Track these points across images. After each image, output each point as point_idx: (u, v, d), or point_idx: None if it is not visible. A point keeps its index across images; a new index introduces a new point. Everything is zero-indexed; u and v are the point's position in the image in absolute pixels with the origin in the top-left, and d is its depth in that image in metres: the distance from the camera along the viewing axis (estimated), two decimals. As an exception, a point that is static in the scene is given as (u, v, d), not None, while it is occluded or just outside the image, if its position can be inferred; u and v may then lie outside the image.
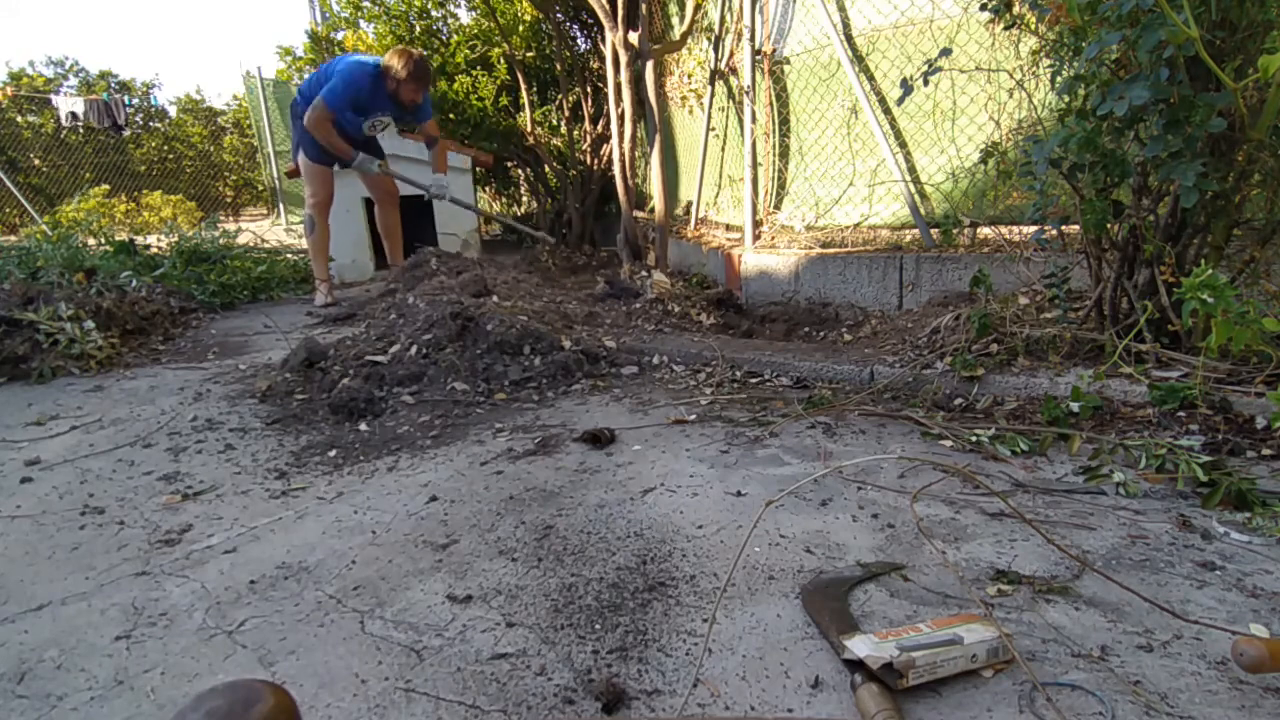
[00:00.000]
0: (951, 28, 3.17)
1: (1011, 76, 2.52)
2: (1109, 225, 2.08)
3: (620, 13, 4.66)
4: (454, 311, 2.75)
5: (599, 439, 1.98)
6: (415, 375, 2.53)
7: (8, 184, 10.07)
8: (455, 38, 7.01)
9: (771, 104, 4.09)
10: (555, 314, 3.15)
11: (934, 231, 3.35)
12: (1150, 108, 1.77)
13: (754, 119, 4.13)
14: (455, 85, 6.63)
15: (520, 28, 6.84)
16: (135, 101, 12.40)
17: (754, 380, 2.56)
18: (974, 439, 1.84)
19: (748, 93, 4.06)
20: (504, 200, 9.62)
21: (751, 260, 4.01)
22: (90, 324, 3.14)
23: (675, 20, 5.22)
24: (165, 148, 12.23)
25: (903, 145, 3.51)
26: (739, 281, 4.10)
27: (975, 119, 3.16)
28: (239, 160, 12.81)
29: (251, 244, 5.65)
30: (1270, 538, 1.31)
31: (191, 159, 12.47)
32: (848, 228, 3.84)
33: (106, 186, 9.86)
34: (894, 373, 2.34)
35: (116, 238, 5.06)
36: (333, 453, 2.05)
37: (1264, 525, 1.35)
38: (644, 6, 4.64)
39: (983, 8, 2.29)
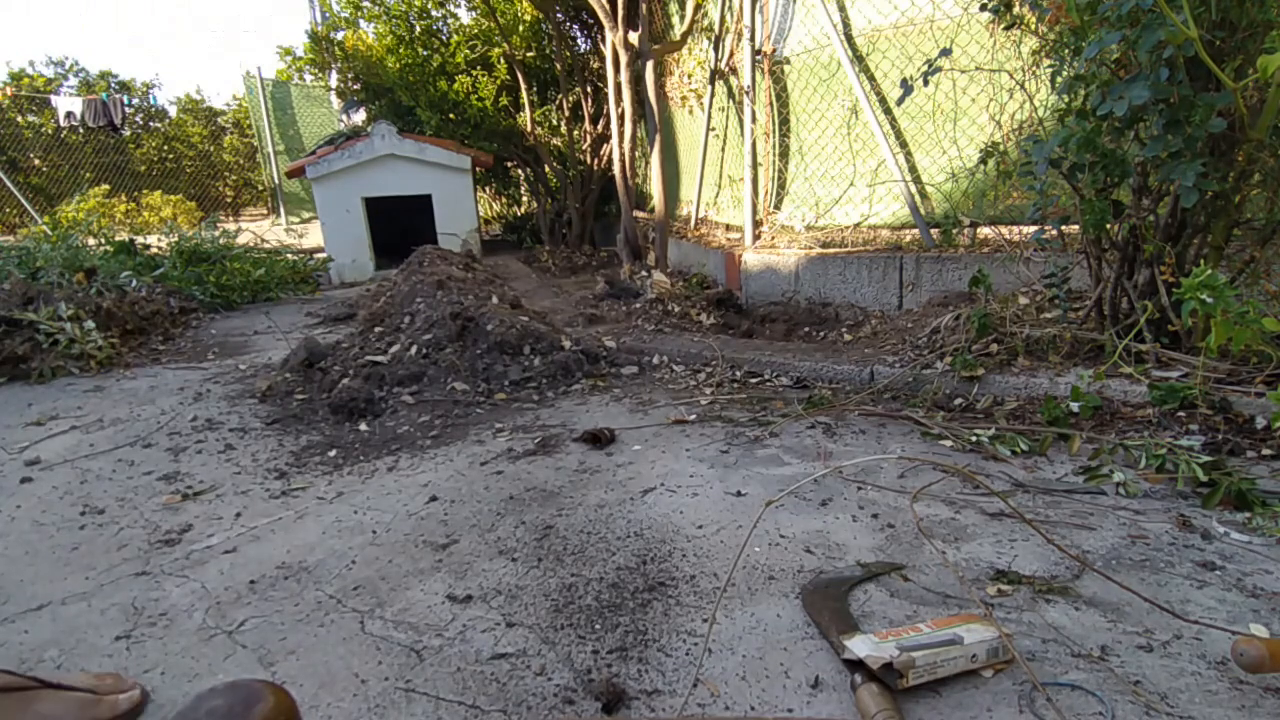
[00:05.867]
0: (952, 28, 3.17)
1: (1012, 77, 2.52)
2: (1109, 225, 2.08)
3: (620, 13, 4.66)
4: (454, 311, 2.75)
5: (599, 439, 1.98)
6: (415, 375, 2.53)
7: (8, 184, 10.07)
8: (455, 38, 7.01)
9: (771, 104, 4.09)
10: (555, 314, 3.15)
11: (934, 231, 3.34)
12: (1150, 108, 1.77)
13: (754, 119, 4.12)
14: (455, 85, 6.63)
15: (520, 28, 6.84)
16: (135, 101, 12.37)
17: (754, 380, 2.56)
18: (974, 439, 1.84)
19: (748, 93, 4.06)
20: (504, 200, 9.60)
21: (751, 260, 4.01)
22: (90, 324, 3.14)
23: (675, 20, 5.21)
24: (165, 148, 12.20)
25: (903, 145, 3.50)
26: (739, 281, 4.10)
27: (976, 119, 3.16)
28: (239, 160, 12.80)
29: (251, 244, 5.65)
30: (1270, 538, 1.31)
31: (191, 159, 12.45)
32: (848, 228, 3.84)
33: (106, 186, 9.86)
34: (894, 373, 2.34)
35: (116, 238, 5.06)
36: (333, 453, 2.05)
37: (1264, 525, 1.35)
38: (644, 6, 4.64)
39: (983, 8, 2.29)
